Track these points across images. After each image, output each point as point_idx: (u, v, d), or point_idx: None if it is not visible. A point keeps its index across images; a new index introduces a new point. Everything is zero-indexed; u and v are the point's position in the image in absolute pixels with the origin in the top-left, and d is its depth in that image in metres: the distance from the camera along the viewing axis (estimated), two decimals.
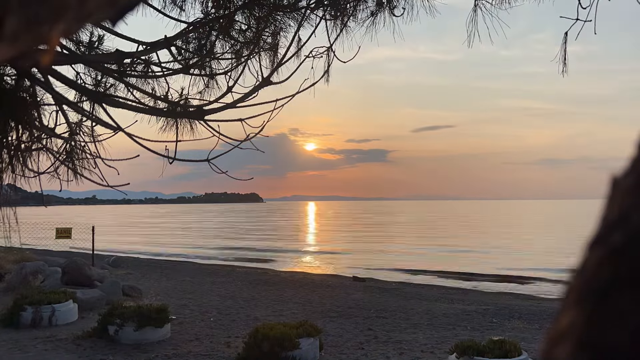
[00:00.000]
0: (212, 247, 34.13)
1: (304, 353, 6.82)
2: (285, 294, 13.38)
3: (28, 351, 7.47)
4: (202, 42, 4.42)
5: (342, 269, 22.70)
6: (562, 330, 0.34)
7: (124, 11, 0.53)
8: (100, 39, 4.26)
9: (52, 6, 0.44)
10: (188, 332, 8.78)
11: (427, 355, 7.63)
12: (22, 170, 3.58)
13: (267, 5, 4.38)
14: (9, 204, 3.57)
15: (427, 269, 22.83)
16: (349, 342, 8.34)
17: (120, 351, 7.50)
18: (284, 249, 32.70)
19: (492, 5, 4.04)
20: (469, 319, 10.46)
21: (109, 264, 17.46)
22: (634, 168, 0.35)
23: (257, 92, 3.96)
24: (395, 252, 30.28)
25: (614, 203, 0.35)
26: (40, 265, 12.48)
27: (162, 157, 3.89)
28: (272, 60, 4.47)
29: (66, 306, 9.23)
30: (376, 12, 4.47)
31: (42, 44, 0.48)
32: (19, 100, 3.26)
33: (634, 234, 0.33)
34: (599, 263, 0.34)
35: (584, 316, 0.33)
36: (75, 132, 4.09)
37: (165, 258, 25.55)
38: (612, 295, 0.32)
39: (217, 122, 3.98)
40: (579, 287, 0.34)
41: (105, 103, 3.91)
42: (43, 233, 18.86)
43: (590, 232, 0.36)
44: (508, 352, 6.08)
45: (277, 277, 17.77)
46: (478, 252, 29.54)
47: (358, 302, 12.17)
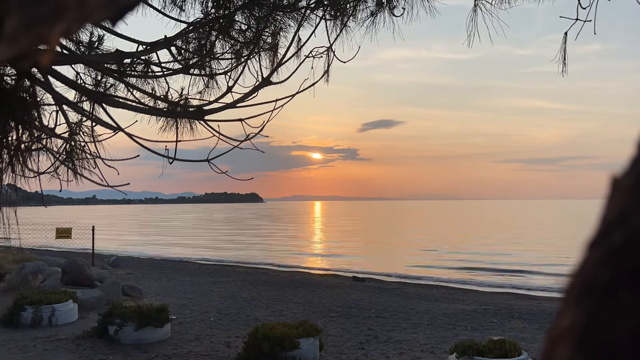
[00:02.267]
0: (212, 247, 34.12)
1: (304, 353, 6.82)
2: (285, 294, 13.38)
3: (28, 351, 7.47)
4: (202, 42, 4.42)
5: (341, 268, 22.70)
6: (562, 330, 0.34)
7: (124, 11, 0.53)
8: (100, 39, 4.26)
9: (52, 6, 0.44)
10: (188, 332, 8.78)
11: (427, 355, 7.63)
12: (22, 170, 3.58)
13: (267, 5, 4.38)
14: (9, 204, 3.57)
15: (432, 266, 22.84)
16: (349, 342, 8.34)
17: (120, 351, 7.49)
18: (285, 250, 32.70)
19: (492, 5, 4.04)
20: (469, 319, 10.46)
21: (109, 264, 17.46)
22: (634, 168, 0.35)
23: (257, 92, 3.96)
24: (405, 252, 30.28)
25: (613, 203, 0.35)
26: (40, 265, 12.48)
27: (162, 157, 3.89)
28: (272, 60, 4.47)
29: (66, 306, 9.23)
30: (376, 12, 4.47)
31: (42, 44, 0.48)
32: (19, 100, 3.26)
33: (633, 234, 0.33)
34: (599, 263, 0.34)
35: (584, 316, 0.33)
36: (75, 132, 4.09)
37: (165, 258, 25.55)
38: (612, 295, 0.32)
39: (217, 122, 3.98)
40: (579, 287, 0.34)
41: (105, 103, 3.91)
42: (43, 233, 18.87)
43: (590, 232, 0.36)
44: (508, 352, 6.08)
45: (277, 277, 17.77)
46: (480, 252, 29.53)
47: (358, 302, 12.17)
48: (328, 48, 4.30)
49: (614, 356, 0.31)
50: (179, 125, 4.36)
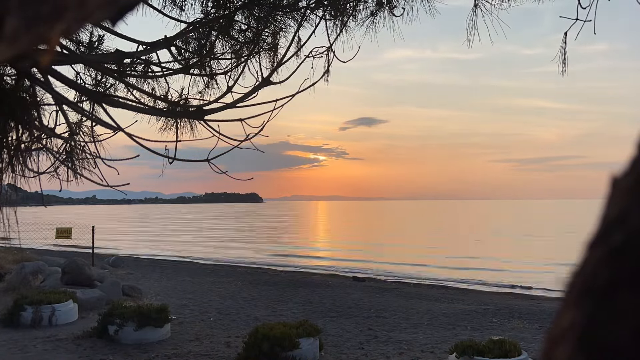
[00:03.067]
0: (212, 247, 34.12)
1: (304, 353, 6.82)
2: (285, 294, 13.39)
3: (28, 351, 7.47)
4: (202, 42, 4.42)
5: (341, 268, 22.70)
6: (562, 330, 0.34)
7: (124, 11, 0.53)
8: (100, 39, 4.26)
9: (52, 6, 0.44)
10: (188, 332, 8.78)
11: (427, 355, 7.63)
12: (22, 170, 3.58)
13: (267, 5, 4.38)
14: (9, 204, 3.57)
15: (432, 265, 22.84)
16: (349, 342, 8.34)
17: (120, 351, 7.49)
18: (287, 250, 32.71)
19: (491, 5, 4.04)
20: (468, 319, 10.46)
21: (109, 264, 17.45)
22: (633, 168, 0.35)
23: (257, 92, 3.96)
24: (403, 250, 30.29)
25: (613, 203, 0.35)
26: (40, 265, 12.48)
27: (162, 157, 3.89)
28: (272, 60, 4.47)
29: (66, 306, 9.23)
30: (376, 12, 4.47)
31: (42, 44, 0.48)
32: (19, 100, 3.26)
33: (633, 234, 0.33)
34: (599, 263, 0.34)
35: (584, 316, 0.33)
36: (75, 132, 4.09)
37: (165, 258, 25.55)
38: (612, 295, 0.32)
39: (217, 122, 3.97)
40: (579, 287, 0.34)
41: (105, 103, 3.91)
42: (43, 233, 18.86)
43: (590, 232, 0.36)
44: (508, 352, 6.08)
45: (277, 277, 17.77)
46: (481, 254, 29.53)
47: (358, 302, 12.17)
48: (328, 48, 4.30)
49: (614, 356, 0.31)
50: (179, 125, 4.36)
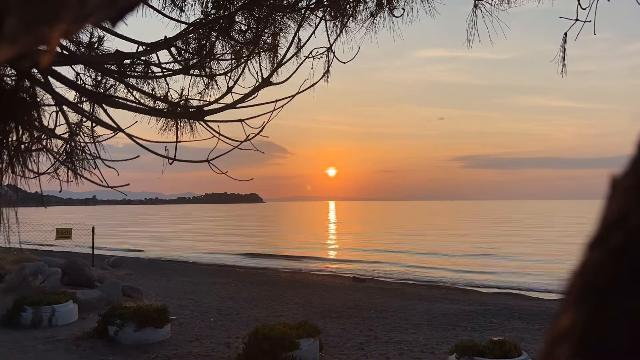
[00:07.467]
0: (212, 247, 34.12)
1: (304, 353, 6.82)
2: (285, 294, 13.38)
3: (28, 352, 7.47)
4: (202, 43, 4.42)
5: (341, 268, 22.69)
6: (562, 330, 0.34)
7: (124, 12, 0.53)
8: (100, 40, 4.26)
9: (52, 6, 0.44)
10: (188, 333, 8.78)
11: (427, 355, 7.63)
12: (22, 171, 3.58)
13: (267, 6, 4.38)
14: (10, 205, 3.57)
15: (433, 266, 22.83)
16: (349, 343, 8.34)
17: (120, 351, 7.49)
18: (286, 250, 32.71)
19: (491, 5, 4.04)
20: (469, 319, 10.46)
21: (109, 264, 17.45)
22: (633, 168, 0.35)
23: (257, 92, 3.96)
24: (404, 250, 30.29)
25: (614, 203, 0.35)
26: (40, 265, 12.48)
27: (162, 158, 3.88)
28: (272, 61, 4.47)
29: (66, 307, 9.23)
30: (376, 13, 4.47)
31: (42, 45, 0.48)
32: (19, 100, 3.26)
33: (634, 234, 0.33)
34: (599, 263, 0.34)
35: (584, 316, 0.33)
36: (75, 133, 4.09)
37: (165, 258, 25.54)
38: (612, 295, 0.32)
39: (217, 123, 3.97)
40: (579, 287, 0.34)
41: (105, 104, 3.91)
42: (43, 234, 18.86)
43: (590, 231, 0.36)
44: (508, 352, 6.08)
45: (277, 277, 17.77)
46: (480, 254, 29.54)
47: (358, 303, 12.17)
48: (328, 49, 4.30)
49: (614, 356, 0.31)
50: (179, 125, 4.36)
